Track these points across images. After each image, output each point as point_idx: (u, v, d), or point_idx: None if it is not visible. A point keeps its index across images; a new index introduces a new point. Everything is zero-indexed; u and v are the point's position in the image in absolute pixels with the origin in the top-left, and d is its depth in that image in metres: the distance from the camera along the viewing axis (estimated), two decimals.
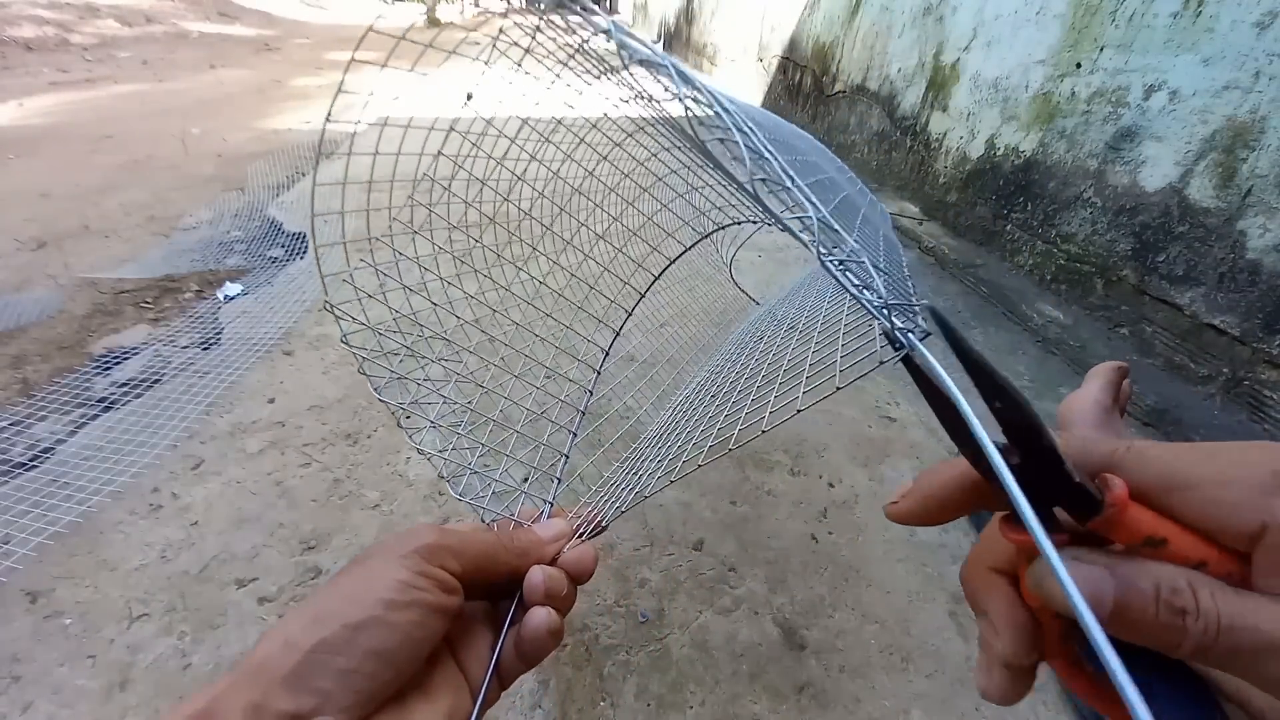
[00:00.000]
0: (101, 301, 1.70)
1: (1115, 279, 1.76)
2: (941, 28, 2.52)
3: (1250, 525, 0.16)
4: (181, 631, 0.88)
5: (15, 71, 4.82)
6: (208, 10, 8.13)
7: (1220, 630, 0.16)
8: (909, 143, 2.77)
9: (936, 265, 2.29)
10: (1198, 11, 1.51)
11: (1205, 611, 0.16)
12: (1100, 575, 0.17)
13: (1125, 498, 0.17)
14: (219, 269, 1.92)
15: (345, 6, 11.90)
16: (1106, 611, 0.17)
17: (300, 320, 1.65)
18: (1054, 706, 0.85)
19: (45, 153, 2.95)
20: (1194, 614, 0.16)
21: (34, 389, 1.35)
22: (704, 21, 6.65)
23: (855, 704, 0.84)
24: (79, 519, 1.03)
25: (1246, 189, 1.41)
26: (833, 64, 3.52)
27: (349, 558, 0.99)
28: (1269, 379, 1.37)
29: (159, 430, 1.23)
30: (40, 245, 2.02)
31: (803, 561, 1.04)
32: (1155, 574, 0.17)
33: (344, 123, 0.37)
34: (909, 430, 1.38)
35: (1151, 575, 0.17)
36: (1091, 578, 0.17)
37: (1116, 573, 0.17)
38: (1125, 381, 0.27)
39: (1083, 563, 0.18)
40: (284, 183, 2.67)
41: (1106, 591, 0.17)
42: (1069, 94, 1.90)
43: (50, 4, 6.35)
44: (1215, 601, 0.16)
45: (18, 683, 0.81)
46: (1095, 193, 1.82)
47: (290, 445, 1.22)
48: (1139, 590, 0.17)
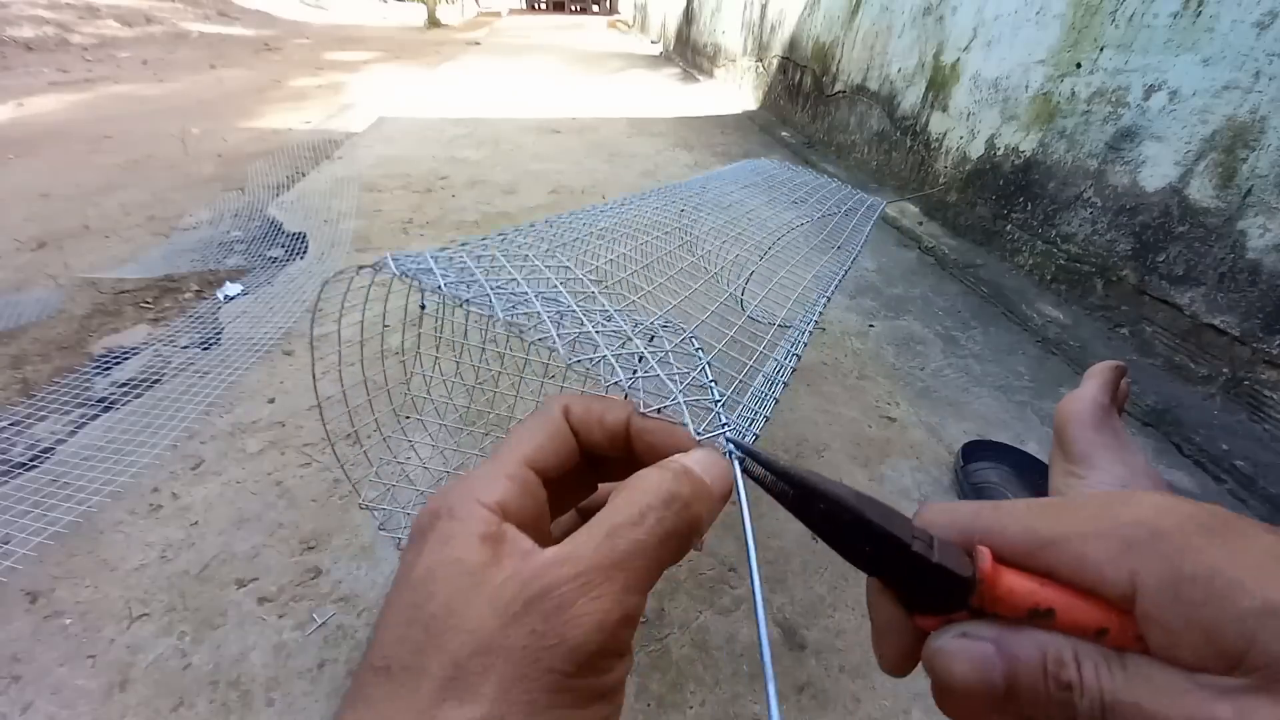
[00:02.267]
0: (101, 301, 1.70)
1: (1115, 279, 1.76)
2: (941, 28, 2.52)
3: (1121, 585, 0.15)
4: (181, 631, 0.88)
5: (15, 71, 4.82)
6: (208, 10, 8.13)
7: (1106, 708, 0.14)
8: (909, 143, 2.77)
9: (936, 265, 2.29)
10: (1198, 11, 1.51)
11: (1088, 688, 0.15)
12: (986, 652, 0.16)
13: (992, 569, 0.17)
14: (219, 269, 1.92)
15: (345, 6, 11.90)
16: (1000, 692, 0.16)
17: (300, 320, 1.65)
18: None
19: (45, 153, 2.95)
20: (1078, 689, 0.15)
21: (34, 389, 1.35)
22: (704, 21, 6.65)
23: (855, 704, 0.84)
24: (79, 519, 1.03)
25: (1246, 189, 1.41)
26: (833, 64, 3.52)
27: (349, 558, 1.00)
28: (1269, 379, 1.38)
29: (159, 430, 1.23)
30: (40, 245, 2.02)
31: (803, 561, 1.04)
32: (1043, 644, 0.16)
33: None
34: (909, 430, 1.38)
35: (1040, 645, 0.16)
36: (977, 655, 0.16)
37: (1003, 648, 0.16)
38: (1123, 380, 0.27)
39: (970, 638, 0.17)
40: (284, 183, 2.67)
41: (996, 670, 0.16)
42: (1069, 94, 1.90)
43: (50, 4, 6.35)
44: (1098, 676, 0.15)
45: (18, 683, 0.81)
46: (1095, 193, 1.82)
47: (290, 445, 1.22)
48: (1027, 665, 0.16)
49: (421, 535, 0.20)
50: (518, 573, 0.18)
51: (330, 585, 0.96)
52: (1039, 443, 1.35)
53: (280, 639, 0.88)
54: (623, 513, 0.19)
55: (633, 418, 0.25)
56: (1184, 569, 0.14)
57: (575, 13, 21.10)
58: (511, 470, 0.22)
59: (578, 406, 0.25)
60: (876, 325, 1.83)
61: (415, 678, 0.16)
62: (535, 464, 0.23)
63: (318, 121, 3.79)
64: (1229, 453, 1.33)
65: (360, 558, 1.00)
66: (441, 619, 0.17)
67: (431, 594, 0.18)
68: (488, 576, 0.18)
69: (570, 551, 0.18)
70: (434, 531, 0.20)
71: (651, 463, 0.24)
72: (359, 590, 0.95)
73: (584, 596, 0.17)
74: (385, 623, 0.18)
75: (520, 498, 0.21)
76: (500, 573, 0.18)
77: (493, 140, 3.56)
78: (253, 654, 0.86)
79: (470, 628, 0.17)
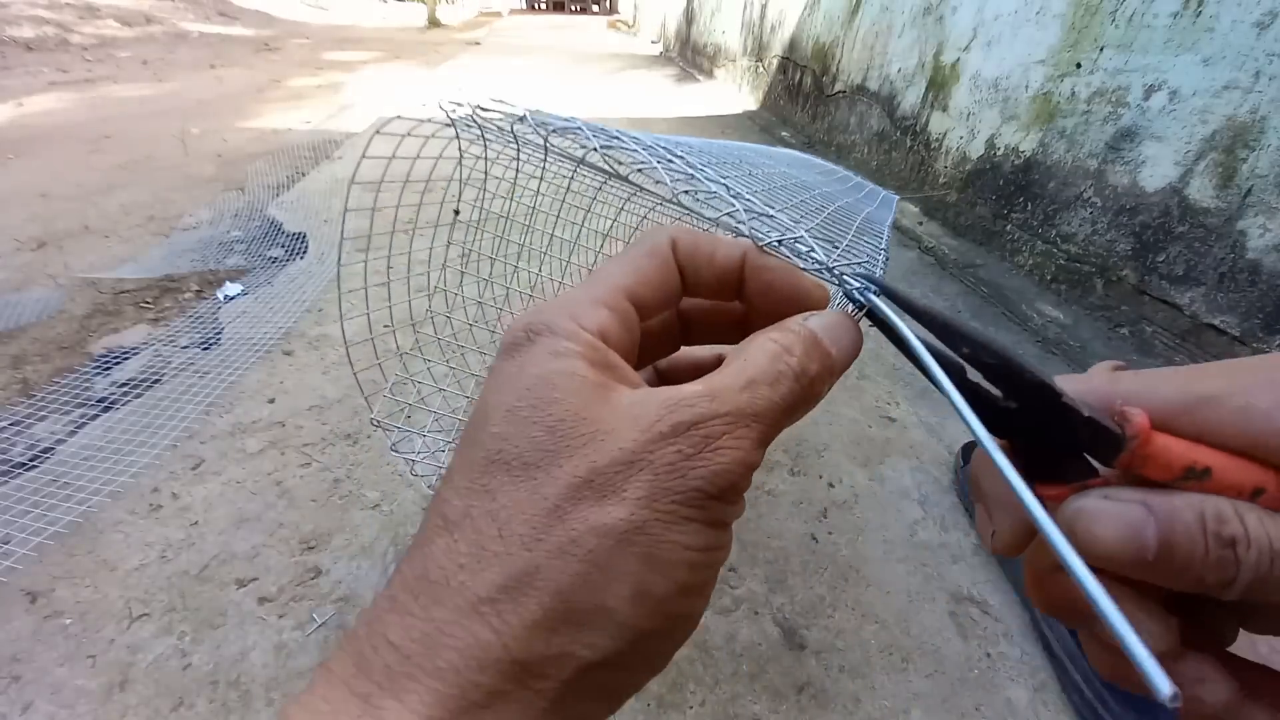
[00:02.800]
0: (101, 301, 1.70)
1: (1115, 279, 1.76)
2: (941, 28, 2.52)
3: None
4: (181, 631, 0.88)
5: (15, 71, 4.82)
6: (208, 10, 8.13)
7: (1275, 556, 0.14)
8: (909, 143, 2.77)
9: (936, 265, 2.29)
10: (1198, 11, 1.51)
11: (1256, 539, 0.14)
12: (1138, 513, 0.15)
13: (1147, 426, 0.16)
14: (219, 269, 1.92)
15: (345, 6, 11.90)
16: (1151, 554, 0.15)
17: (300, 320, 1.65)
18: (1054, 706, 0.85)
19: (45, 153, 2.94)
20: (1245, 542, 0.14)
21: (34, 389, 1.35)
22: (704, 21, 6.65)
23: (855, 704, 0.84)
24: (79, 519, 1.03)
25: (1246, 189, 1.41)
26: (833, 64, 3.52)
27: (349, 558, 1.00)
28: None
29: (159, 430, 1.23)
30: (40, 245, 2.02)
31: (803, 561, 1.04)
32: (1198, 504, 0.15)
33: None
34: (909, 430, 1.38)
35: (1194, 505, 0.15)
36: (1128, 516, 0.15)
37: (1155, 508, 0.15)
38: None
39: (1116, 500, 0.16)
40: (284, 183, 2.67)
41: (1148, 531, 0.15)
42: (1069, 94, 1.90)
43: (50, 4, 6.35)
44: (1265, 527, 0.14)
45: (17, 683, 0.81)
46: (1095, 193, 1.82)
47: (290, 445, 1.22)
48: (1183, 524, 0.15)
49: (520, 347, 0.19)
50: (660, 397, 0.17)
51: (330, 585, 0.96)
52: None
53: (280, 639, 0.88)
54: (760, 368, 0.19)
55: (749, 253, 0.22)
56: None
57: (575, 13, 21.10)
58: (610, 299, 0.20)
59: (686, 239, 0.23)
60: None
61: (544, 474, 0.16)
62: (635, 298, 0.21)
63: (318, 121, 3.79)
64: None
65: (360, 558, 1.00)
66: (571, 424, 0.17)
67: (555, 399, 0.17)
68: (618, 395, 0.18)
69: (714, 388, 0.18)
70: (536, 345, 0.19)
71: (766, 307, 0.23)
72: (359, 590, 0.95)
73: (729, 436, 0.17)
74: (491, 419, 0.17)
75: (618, 331, 0.20)
76: (631, 394, 0.18)
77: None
78: (253, 654, 0.86)
79: (610, 436, 0.17)
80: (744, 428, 0.17)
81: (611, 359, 0.19)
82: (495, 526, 0.16)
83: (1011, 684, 0.88)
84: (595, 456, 0.16)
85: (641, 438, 0.16)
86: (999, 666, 0.90)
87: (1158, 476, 0.16)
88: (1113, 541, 0.15)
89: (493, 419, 0.17)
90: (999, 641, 0.93)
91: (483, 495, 0.16)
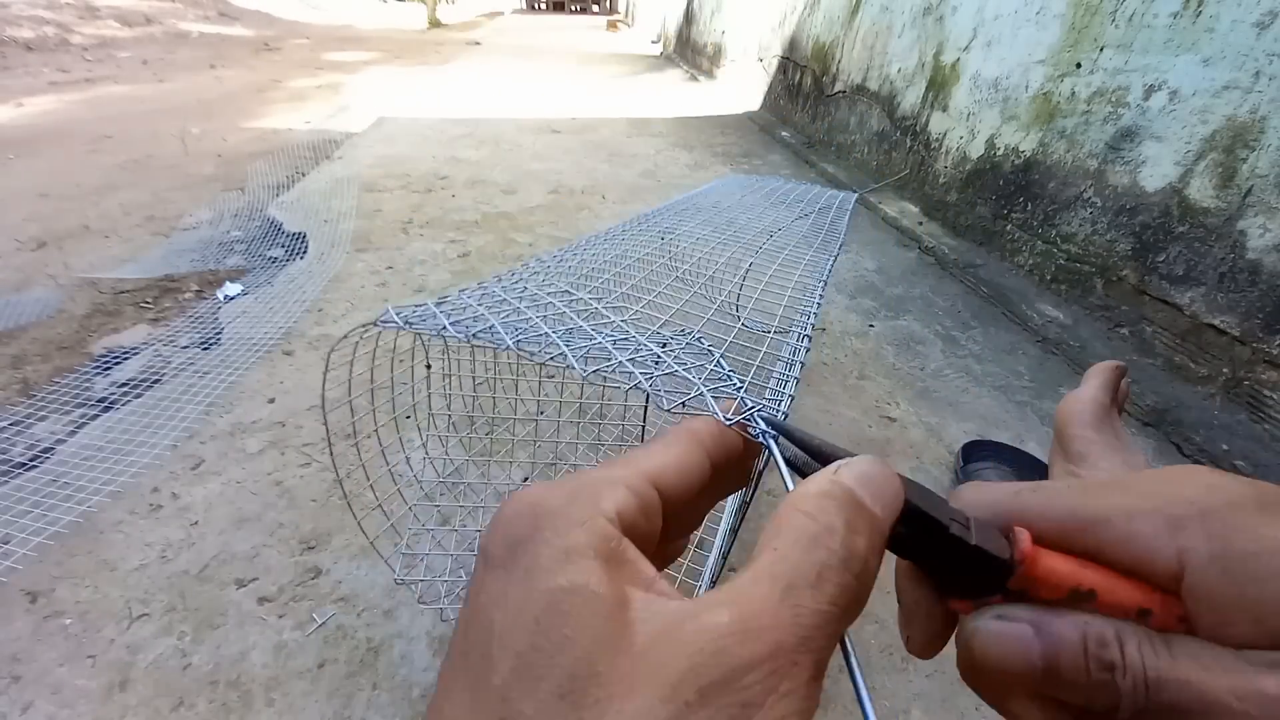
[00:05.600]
0: (101, 301, 1.70)
1: (1115, 279, 1.76)
2: (941, 28, 2.52)
3: (1168, 563, 0.15)
4: (181, 631, 0.88)
5: (15, 71, 4.82)
6: (208, 10, 8.13)
7: (1150, 687, 0.14)
8: (909, 143, 2.77)
9: (936, 265, 2.29)
10: (1198, 11, 1.51)
11: (1131, 666, 0.14)
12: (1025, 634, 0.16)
13: (1031, 551, 0.16)
14: (219, 269, 1.92)
15: (345, 7, 11.90)
16: (1039, 674, 0.15)
17: (300, 320, 1.65)
18: None
19: (45, 153, 2.95)
20: (1121, 669, 0.14)
21: (34, 389, 1.35)
22: (704, 22, 6.66)
23: (855, 704, 0.84)
24: (79, 519, 1.03)
25: (1246, 189, 1.41)
26: (833, 64, 3.52)
27: (349, 558, 0.99)
28: (1269, 379, 1.37)
29: (159, 430, 1.23)
30: (40, 245, 2.02)
31: None
32: (1082, 626, 0.15)
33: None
34: (909, 430, 1.38)
35: (1079, 627, 0.15)
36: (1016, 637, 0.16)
37: (1042, 629, 0.15)
38: (1124, 380, 0.27)
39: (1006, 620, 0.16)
40: (284, 183, 2.67)
41: (1034, 651, 0.15)
42: (1069, 94, 1.90)
43: (50, 4, 6.35)
44: (1141, 654, 0.14)
45: (18, 683, 0.81)
46: (1095, 193, 1.82)
47: (290, 445, 1.22)
48: (1067, 645, 0.15)
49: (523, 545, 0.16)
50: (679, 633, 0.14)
51: (330, 585, 0.96)
52: (1039, 442, 1.35)
53: (280, 639, 0.88)
54: (797, 565, 0.15)
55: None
56: (1234, 546, 0.14)
57: (575, 13, 21.11)
58: (633, 481, 0.18)
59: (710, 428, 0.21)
60: (876, 325, 1.83)
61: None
62: (661, 483, 0.18)
63: (317, 121, 3.79)
64: (1229, 453, 1.33)
65: (360, 558, 1.00)
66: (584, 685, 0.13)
67: (565, 641, 0.14)
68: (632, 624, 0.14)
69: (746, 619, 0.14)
70: (544, 536, 0.15)
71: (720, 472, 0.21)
72: (359, 590, 0.95)
73: (775, 693, 0.13)
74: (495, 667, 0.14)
75: (637, 518, 0.17)
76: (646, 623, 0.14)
77: (493, 140, 3.56)
78: (253, 654, 0.86)
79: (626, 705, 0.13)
80: (793, 669, 0.13)
81: (626, 552, 0.16)
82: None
83: None
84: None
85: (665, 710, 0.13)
86: None
87: (1046, 596, 0.16)
88: (1002, 659, 0.16)
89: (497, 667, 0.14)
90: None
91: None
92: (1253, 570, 0.14)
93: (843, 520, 0.15)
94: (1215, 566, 0.14)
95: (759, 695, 0.13)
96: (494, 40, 9.49)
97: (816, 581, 0.14)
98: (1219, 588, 0.14)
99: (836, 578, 0.15)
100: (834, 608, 0.14)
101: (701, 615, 0.14)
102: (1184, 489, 0.16)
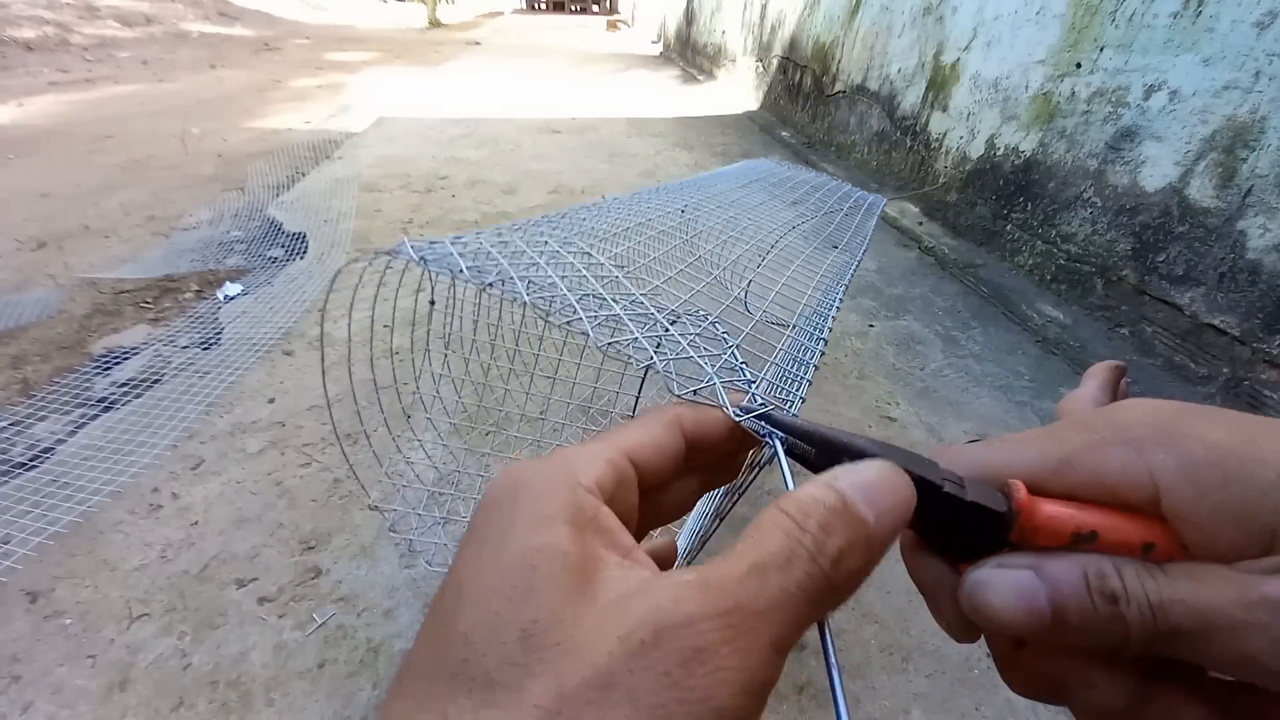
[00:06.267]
0: (101, 301, 1.70)
1: (1115, 279, 1.76)
2: (941, 28, 2.52)
3: (1145, 487, 0.15)
4: (181, 631, 0.88)
5: (15, 71, 4.82)
6: (208, 10, 8.13)
7: (1155, 611, 0.14)
8: (909, 143, 2.77)
9: (936, 265, 2.29)
10: (1198, 11, 1.51)
11: (1134, 593, 0.15)
12: (1028, 579, 0.15)
13: (1028, 499, 0.16)
14: (219, 269, 1.92)
15: (345, 6, 11.90)
16: (1046, 620, 0.15)
17: (300, 320, 1.65)
18: (1053, 706, 0.85)
19: (45, 153, 2.95)
20: (1125, 598, 0.15)
21: (34, 389, 1.35)
22: (704, 22, 6.66)
23: (855, 704, 0.84)
24: (79, 519, 1.03)
25: (1246, 189, 1.41)
26: (833, 64, 3.52)
27: (349, 558, 1.00)
28: (1269, 379, 1.37)
29: (159, 430, 1.23)
30: (40, 245, 2.02)
31: None
32: (1081, 563, 0.15)
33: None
34: (909, 430, 1.38)
35: (1079, 564, 0.15)
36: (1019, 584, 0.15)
37: (1043, 572, 0.15)
38: (1123, 380, 0.27)
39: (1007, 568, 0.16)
40: (284, 183, 2.67)
41: (1039, 595, 0.15)
42: (1069, 94, 1.90)
43: (50, 4, 6.35)
44: (1141, 581, 0.15)
45: (18, 683, 0.81)
46: (1095, 193, 1.82)
47: (290, 445, 1.22)
48: (1071, 585, 0.15)
49: (501, 506, 0.16)
50: (643, 589, 0.14)
51: (330, 585, 0.96)
52: None
53: (280, 639, 0.88)
54: (769, 548, 0.15)
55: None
56: (1195, 455, 0.15)
57: (575, 13, 21.11)
58: (612, 455, 0.19)
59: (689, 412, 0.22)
60: (876, 325, 1.83)
61: (508, 700, 0.13)
62: (638, 459, 0.19)
63: (318, 121, 3.79)
64: None
65: (360, 558, 1.00)
66: (545, 629, 0.14)
67: (531, 591, 0.14)
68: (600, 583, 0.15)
69: (708, 578, 0.14)
70: (520, 505, 0.16)
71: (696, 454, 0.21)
72: (359, 590, 0.95)
73: (729, 645, 0.13)
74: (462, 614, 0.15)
75: (616, 489, 0.18)
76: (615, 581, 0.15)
77: (493, 140, 3.57)
78: (253, 654, 0.86)
79: (583, 650, 0.13)
80: (751, 631, 0.14)
81: (605, 520, 0.17)
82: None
83: None
84: (564, 677, 0.13)
85: (618, 650, 0.13)
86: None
87: (1049, 544, 0.16)
88: (1007, 608, 0.16)
89: (461, 614, 0.15)
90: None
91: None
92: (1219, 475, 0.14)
93: (820, 517, 0.16)
94: (1183, 480, 0.15)
95: (713, 642, 0.13)
96: (494, 40, 9.49)
97: (785, 565, 0.15)
98: (1194, 501, 0.15)
99: (805, 566, 0.15)
100: (800, 592, 0.15)
101: (669, 576, 0.15)
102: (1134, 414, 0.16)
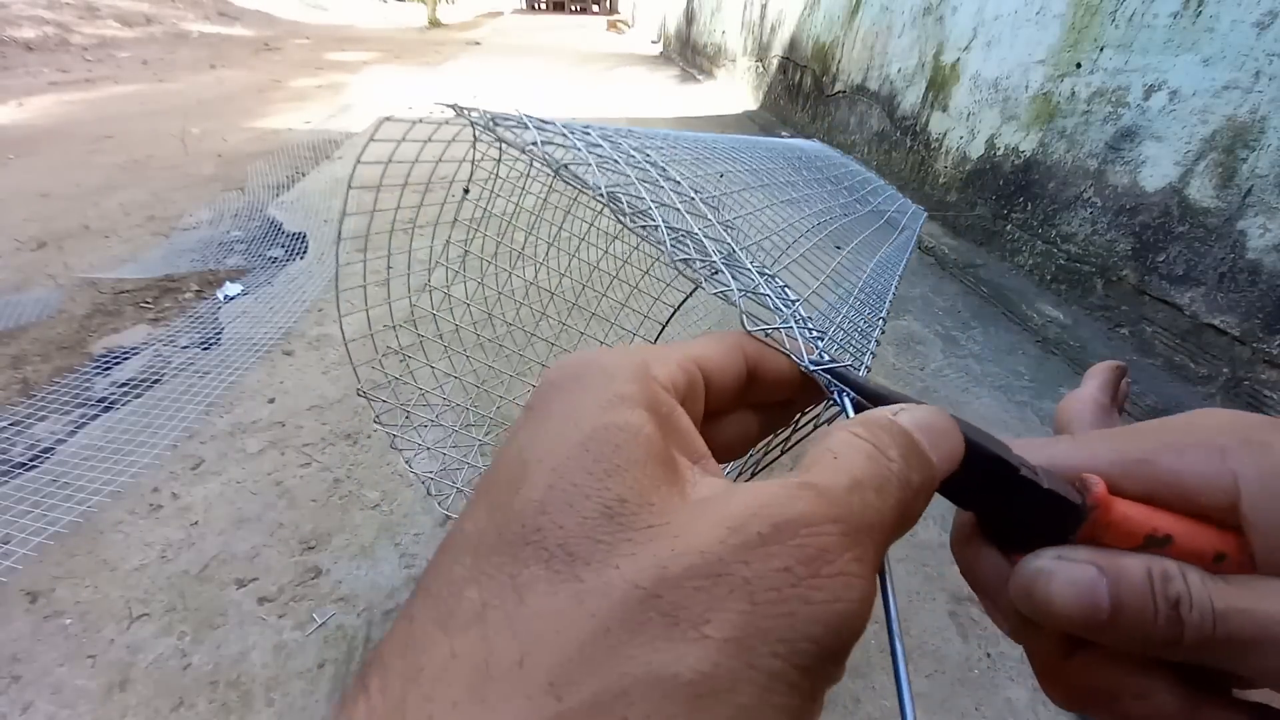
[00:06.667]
0: (101, 301, 1.70)
1: (1115, 279, 1.76)
2: (941, 28, 2.52)
3: (1224, 491, 0.15)
4: (181, 631, 0.88)
5: (15, 71, 4.82)
6: (208, 10, 8.13)
7: (1216, 618, 0.14)
8: (909, 143, 2.77)
9: (936, 265, 2.29)
10: (1198, 11, 1.51)
11: (1198, 599, 0.14)
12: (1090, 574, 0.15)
13: (1106, 495, 0.16)
14: (219, 269, 1.92)
15: (345, 6, 11.90)
16: (1104, 616, 0.15)
17: (300, 320, 1.65)
18: (1053, 706, 0.85)
19: (45, 153, 2.95)
20: (1188, 603, 0.14)
21: (34, 389, 1.35)
22: (704, 21, 6.66)
23: (855, 704, 0.84)
24: (79, 519, 1.03)
25: (1246, 189, 1.41)
26: (833, 64, 3.52)
27: (349, 558, 1.00)
28: (1269, 379, 1.37)
29: (159, 430, 1.23)
30: (40, 245, 2.02)
31: None
32: (1146, 563, 0.15)
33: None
34: None
35: (1143, 564, 0.15)
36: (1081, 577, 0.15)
37: (1106, 568, 0.15)
38: (1124, 380, 0.27)
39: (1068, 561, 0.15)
40: (284, 183, 2.67)
41: (1100, 590, 0.15)
42: (1069, 94, 1.90)
43: (50, 4, 6.35)
44: (1207, 588, 0.14)
45: (18, 683, 0.81)
46: (1095, 193, 1.82)
47: (290, 445, 1.22)
48: (1133, 584, 0.15)
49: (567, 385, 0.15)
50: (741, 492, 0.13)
51: (330, 585, 0.96)
52: None
53: (280, 639, 0.88)
54: (861, 468, 0.14)
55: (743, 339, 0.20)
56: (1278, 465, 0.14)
57: (575, 13, 21.11)
58: (681, 359, 0.17)
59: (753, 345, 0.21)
60: None
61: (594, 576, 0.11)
62: (707, 371, 0.18)
63: (318, 121, 3.79)
64: None
65: (360, 558, 1.00)
66: (634, 510, 0.12)
67: (616, 469, 0.13)
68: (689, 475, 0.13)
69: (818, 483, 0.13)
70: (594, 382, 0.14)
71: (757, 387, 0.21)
72: (359, 590, 0.95)
73: (850, 551, 0.12)
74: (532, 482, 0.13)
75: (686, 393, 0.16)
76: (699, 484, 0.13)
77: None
78: (253, 654, 0.86)
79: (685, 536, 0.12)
80: (864, 542, 0.13)
81: (679, 420, 0.15)
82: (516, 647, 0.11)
83: (1011, 684, 0.88)
84: (666, 560, 0.11)
85: (731, 540, 0.11)
86: (999, 666, 0.90)
87: (1119, 545, 0.16)
88: (1067, 601, 0.15)
89: (532, 482, 0.13)
90: (999, 642, 0.93)
91: (507, 591, 0.11)
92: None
93: (900, 449, 0.15)
94: (1265, 490, 0.14)
95: (836, 545, 0.12)
96: (494, 40, 9.48)
97: (880, 488, 0.14)
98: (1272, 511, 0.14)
99: (896, 492, 0.14)
100: (895, 515, 0.14)
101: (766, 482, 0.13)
102: (1218, 420, 0.16)
